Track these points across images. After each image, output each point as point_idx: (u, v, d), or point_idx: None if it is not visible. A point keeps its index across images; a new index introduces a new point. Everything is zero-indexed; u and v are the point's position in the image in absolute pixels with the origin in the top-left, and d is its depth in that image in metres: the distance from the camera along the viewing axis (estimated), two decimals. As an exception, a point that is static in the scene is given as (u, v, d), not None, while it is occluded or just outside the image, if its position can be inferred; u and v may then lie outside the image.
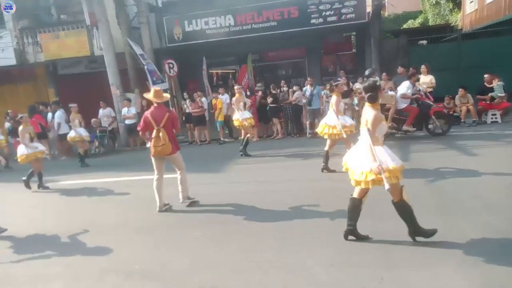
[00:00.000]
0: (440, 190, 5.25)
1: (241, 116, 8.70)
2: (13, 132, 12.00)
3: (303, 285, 3.25)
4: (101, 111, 12.08)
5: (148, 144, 5.61)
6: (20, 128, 7.41)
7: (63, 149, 11.73)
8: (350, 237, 3.90)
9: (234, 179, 7.16)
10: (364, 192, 3.78)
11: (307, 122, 10.93)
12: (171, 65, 12.72)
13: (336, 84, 6.74)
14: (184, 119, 12.24)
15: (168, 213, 5.54)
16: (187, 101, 11.69)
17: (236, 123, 8.89)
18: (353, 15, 12.10)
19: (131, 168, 9.01)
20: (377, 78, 4.92)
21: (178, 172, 5.68)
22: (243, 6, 12.77)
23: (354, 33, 15.74)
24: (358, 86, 10.89)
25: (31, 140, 7.56)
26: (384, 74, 10.53)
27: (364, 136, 3.66)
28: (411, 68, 10.95)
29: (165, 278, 3.59)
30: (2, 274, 4.08)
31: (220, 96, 11.63)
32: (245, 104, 9.13)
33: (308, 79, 10.91)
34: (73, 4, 13.95)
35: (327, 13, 12.20)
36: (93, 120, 11.82)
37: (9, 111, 12.35)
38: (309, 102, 10.53)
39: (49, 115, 11.78)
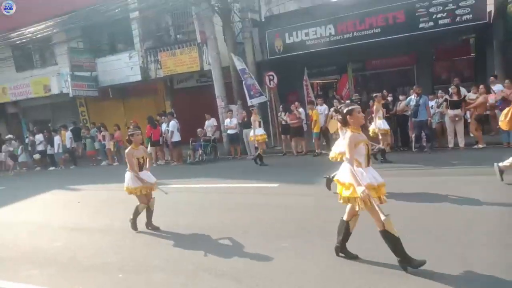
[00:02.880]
0: None
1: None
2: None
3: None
4: (206, 122, 13.11)
5: None
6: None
7: (175, 156, 13.00)
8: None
9: (328, 192, 6.96)
10: None
11: (413, 135, 10.09)
12: (271, 77, 13.12)
13: None
14: (280, 130, 12.45)
15: (259, 220, 5.68)
16: (282, 113, 11.85)
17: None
18: (471, 15, 10.80)
19: (230, 175, 9.49)
20: None
21: None
22: (344, 14, 12.50)
23: (473, 36, 14.04)
24: (472, 96, 9.67)
25: None
26: (507, 81, 9.14)
27: None
28: None
29: (252, 284, 3.68)
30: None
31: (318, 107, 11.53)
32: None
33: (414, 87, 10.08)
34: (187, 25, 15.50)
35: (439, 15, 11.14)
36: (198, 130, 12.87)
37: (131, 121, 14.27)
38: (414, 113, 9.69)
39: (164, 125, 13.20)
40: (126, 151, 5.64)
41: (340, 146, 6.02)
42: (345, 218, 3.93)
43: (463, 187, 6.17)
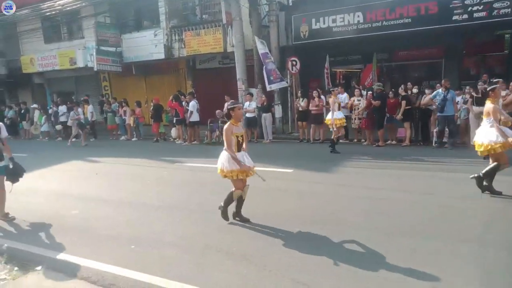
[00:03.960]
0: None
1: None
2: (154, 116, 14.05)
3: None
4: (226, 104, 13.07)
5: None
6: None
7: (192, 135, 13.10)
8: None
9: (341, 181, 6.93)
10: None
11: (435, 130, 9.84)
12: (294, 63, 12.93)
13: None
14: (296, 116, 12.34)
15: (270, 205, 5.70)
16: (300, 99, 11.72)
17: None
18: (509, 9, 10.28)
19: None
20: None
21: None
22: (375, 2, 12.09)
23: (508, 32, 13.43)
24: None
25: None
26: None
27: None
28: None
29: (260, 265, 3.72)
30: (130, 234, 4.80)
31: (339, 95, 11.32)
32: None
33: (443, 81, 9.78)
34: (213, 5, 15.36)
35: (474, 8, 10.64)
36: (217, 111, 12.87)
37: (152, 99, 14.49)
38: (441, 108, 9.42)
39: (183, 104, 13.27)
40: (225, 126, 4.77)
41: (489, 134, 5.27)
42: None
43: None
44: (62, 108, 15.99)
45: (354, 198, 5.81)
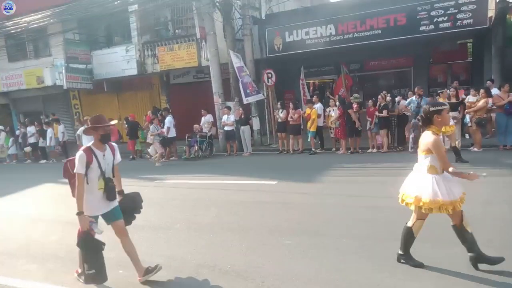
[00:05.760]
0: None
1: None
2: (129, 133, 13.70)
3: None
4: (202, 119, 12.97)
5: None
6: None
7: (170, 151, 12.84)
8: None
9: (326, 190, 6.96)
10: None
11: (411, 136, 10.14)
12: (269, 75, 13.05)
13: None
14: (276, 128, 12.40)
15: (260, 218, 5.62)
16: (280, 110, 11.81)
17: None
18: (471, 20, 10.89)
19: (227, 172, 9.43)
20: None
21: None
22: (346, 15, 12.47)
23: (470, 40, 14.18)
24: (472, 99, 9.74)
25: None
26: (506, 85, 9.21)
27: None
28: None
29: (257, 281, 3.63)
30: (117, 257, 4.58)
31: (315, 105, 11.50)
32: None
33: (416, 89, 10.14)
34: (186, 20, 15.33)
35: (440, 19, 11.20)
36: (195, 126, 12.74)
37: (129, 115, 14.11)
38: (416, 115, 9.72)
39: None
40: (433, 138, 3.35)
41: None
42: None
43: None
44: (31, 129, 15.33)
45: (342, 206, 5.84)
